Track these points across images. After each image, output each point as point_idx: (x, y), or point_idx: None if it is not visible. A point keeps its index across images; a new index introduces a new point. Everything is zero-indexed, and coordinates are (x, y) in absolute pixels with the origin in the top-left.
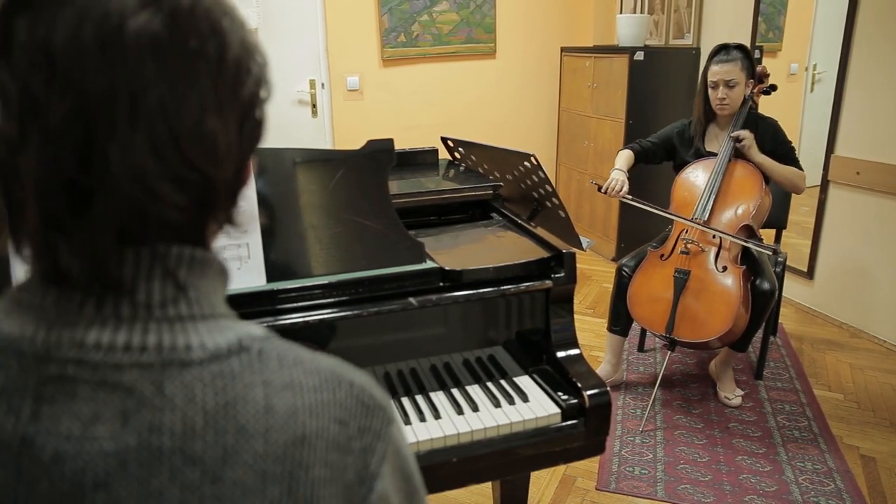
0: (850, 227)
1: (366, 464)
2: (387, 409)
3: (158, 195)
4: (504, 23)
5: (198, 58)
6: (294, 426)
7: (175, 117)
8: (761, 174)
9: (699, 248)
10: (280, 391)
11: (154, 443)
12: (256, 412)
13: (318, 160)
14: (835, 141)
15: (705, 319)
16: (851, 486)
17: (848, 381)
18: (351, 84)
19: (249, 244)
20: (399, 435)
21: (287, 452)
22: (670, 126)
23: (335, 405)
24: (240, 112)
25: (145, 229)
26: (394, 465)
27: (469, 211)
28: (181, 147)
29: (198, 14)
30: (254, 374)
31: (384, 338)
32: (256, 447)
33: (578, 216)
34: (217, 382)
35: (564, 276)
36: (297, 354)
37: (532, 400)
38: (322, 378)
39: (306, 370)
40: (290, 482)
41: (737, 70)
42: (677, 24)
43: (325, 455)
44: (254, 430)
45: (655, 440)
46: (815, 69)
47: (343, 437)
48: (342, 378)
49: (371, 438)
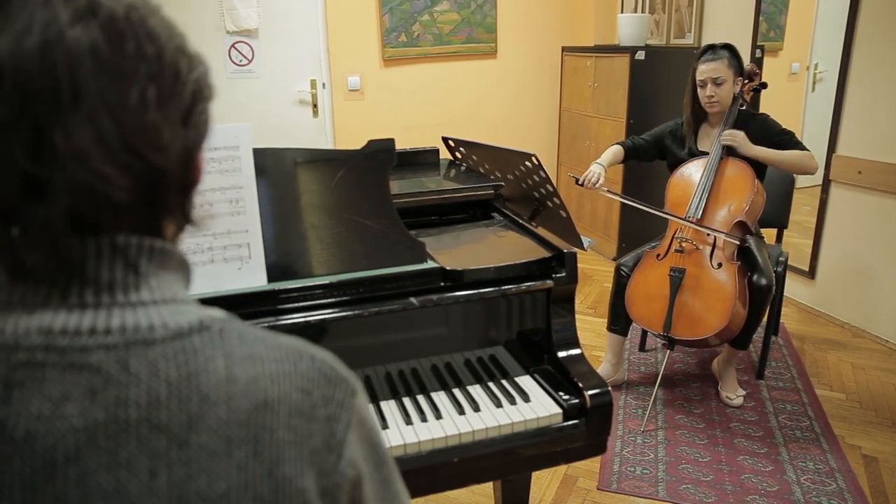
0: (852, 227)
1: (332, 431)
2: (349, 381)
3: (104, 176)
4: (505, 22)
5: (137, 58)
6: (256, 393)
7: (117, 109)
8: (753, 170)
9: (694, 246)
10: (241, 362)
11: (121, 415)
12: (218, 381)
13: (320, 160)
14: (836, 140)
15: (701, 316)
16: (853, 486)
17: (850, 381)
18: (352, 84)
19: (250, 244)
20: (363, 406)
21: (250, 417)
22: (664, 125)
23: (297, 375)
24: (182, 108)
25: (98, 217)
26: (360, 434)
27: (470, 211)
28: (123, 135)
29: (133, 21)
30: (215, 348)
31: (385, 338)
32: (220, 413)
33: (579, 216)
34: (179, 357)
35: (565, 276)
36: (258, 333)
37: (533, 400)
38: (283, 352)
39: (267, 345)
40: (255, 444)
41: (723, 67)
42: (678, 23)
43: (289, 420)
44: (216, 398)
45: (657, 440)
46: (816, 68)
47: (306, 405)
48: (303, 352)
49: (335, 408)
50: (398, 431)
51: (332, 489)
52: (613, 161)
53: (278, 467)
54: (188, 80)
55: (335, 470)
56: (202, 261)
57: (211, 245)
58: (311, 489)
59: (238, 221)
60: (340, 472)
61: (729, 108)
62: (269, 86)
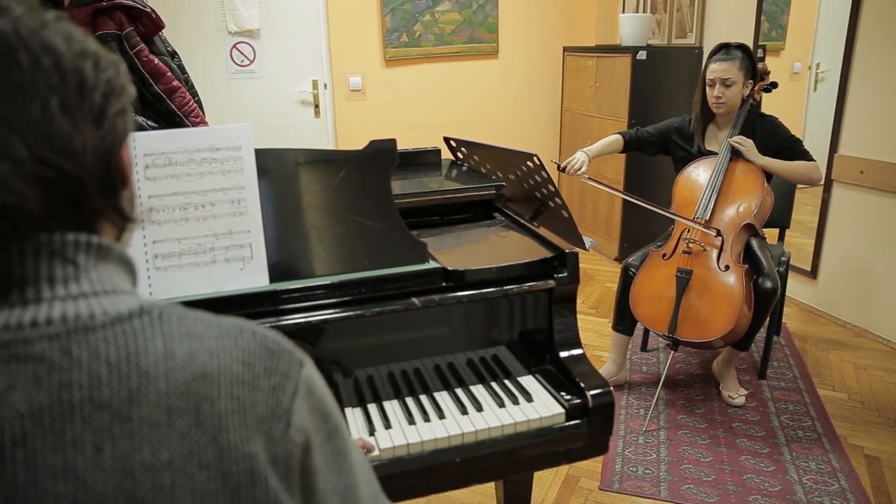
0: (854, 227)
1: (277, 401)
2: (294, 354)
3: (11, 190)
4: (506, 23)
5: (33, 72)
6: (193, 365)
7: (18, 125)
8: (762, 172)
9: (701, 247)
10: (180, 340)
11: (65, 397)
12: (157, 358)
13: (321, 160)
14: (838, 140)
15: (708, 319)
16: (855, 486)
17: (852, 381)
18: (353, 84)
19: (252, 245)
20: (312, 377)
21: (190, 388)
22: (671, 120)
23: (237, 349)
24: (93, 112)
25: (15, 224)
26: (309, 404)
27: (472, 211)
28: (29, 148)
29: (24, 35)
30: (154, 329)
31: (387, 338)
32: (159, 386)
33: (581, 216)
34: (119, 339)
35: (567, 276)
36: (198, 315)
37: (536, 400)
38: (223, 329)
39: (207, 324)
40: (196, 414)
41: (734, 69)
42: (680, 23)
43: (231, 390)
44: (155, 373)
45: (659, 440)
46: (818, 68)
47: (248, 376)
48: (244, 328)
49: (280, 378)
50: (401, 431)
51: (284, 457)
52: (605, 150)
53: (222, 434)
54: (97, 84)
55: (285, 437)
56: (204, 261)
57: (213, 245)
58: (259, 455)
59: (240, 222)
60: (290, 439)
61: (738, 109)
62: (271, 86)
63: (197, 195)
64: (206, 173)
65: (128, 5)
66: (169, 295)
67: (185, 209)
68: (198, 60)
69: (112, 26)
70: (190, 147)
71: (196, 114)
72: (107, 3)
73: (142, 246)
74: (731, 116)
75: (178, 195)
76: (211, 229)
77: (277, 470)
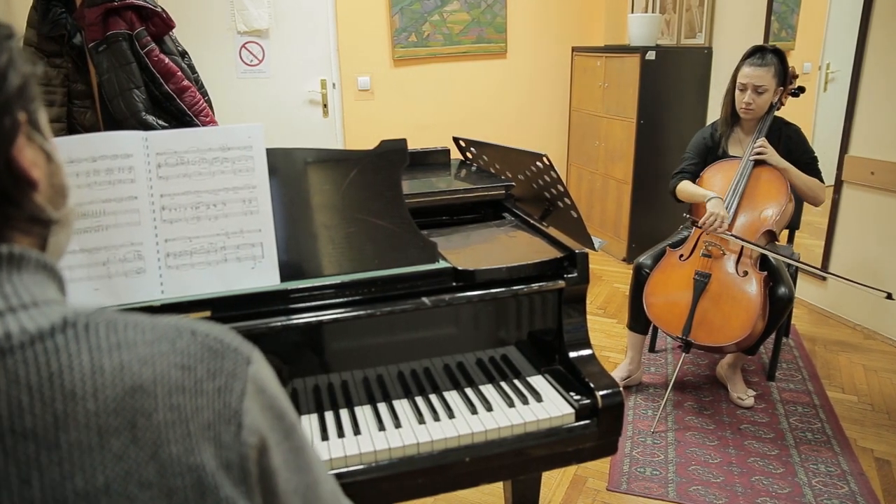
0: (864, 228)
1: (225, 403)
2: (240, 351)
3: None
4: (515, 22)
5: None
6: (125, 379)
7: None
8: (787, 179)
9: (721, 251)
10: (108, 352)
11: None
12: (83, 376)
13: (332, 160)
14: (849, 141)
15: (724, 324)
16: (866, 489)
17: (862, 383)
18: (362, 84)
19: (263, 244)
20: (262, 374)
21: (122, 403)
22: (696, 138)
23: (174, 353)
24: None
25: None
26: (261, 403)
27: (481, 211)
28: None
29: None
30: (79, 343)
31: (397, 337)
32: (88, 406)
33: (589, 216)
34: (40, 359)
35: (577, 277)
36: (132, 319)
37: (546, 400)
38: (158, 333)
39: (140, 330)
40: (132, 430)
41: (769, 77)
42: (689, 23)
43: (169, 399)
44: (82, 392)
45: (667, 441)
46: (828, 68)
47: (189, 381)
48: (182, 329)
49: (225, 379)
50: (411, 431)
51: (239, 460)
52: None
53: (162, 449)
54: None
55: (237, 440)
56: (216, 260)
57: (224, 244)
58: (208, 464)
59: (251, 221)
60: (243, 441)
61: (764, 115)
62: (280, 86)
63: (208, 194)
64: (218, 172)
65: (139, 5)
66: (180, 293)
67: (197, 208)
68: (207, 60)
69: (123, 26)
70: (202, 146)
71: (206, 113)
72: (118, 2)
73: (154, 245)
74: (756, 122)
75: (189, 194)
76: (222, 228)
77: (232, 476)
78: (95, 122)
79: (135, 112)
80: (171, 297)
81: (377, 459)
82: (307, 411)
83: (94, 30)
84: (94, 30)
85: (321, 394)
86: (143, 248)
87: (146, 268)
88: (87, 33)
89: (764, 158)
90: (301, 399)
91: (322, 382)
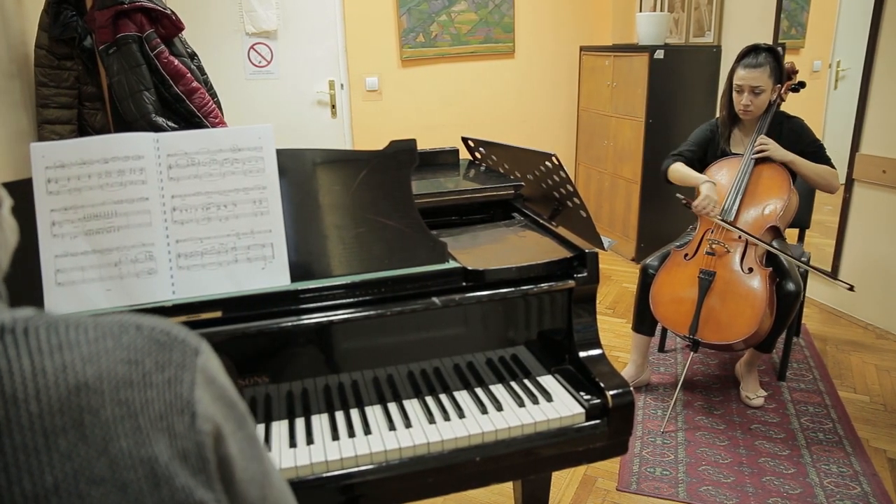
0: (876, 226)
1: (176, 394)
2: (188, 342)
3: None
4: (523, 22)
5: None
6: (68, 378)
7: None
8: (789, 174)
9: (725, 248)
10: (49, 354)
11: None
12: (24, 379)
13: (342, 160)
14: (860, 139)
15: (730, 322)
16: (878, 490)
17: (874, 383)
18: (370, 84)
19: (274, 244)
20: (210, 365)
21: (66, 404)
22: (701, 128)
23: (119, 349)
24: None
25: None
26: (212, 393)
27: (490, 211)
28: None
29: None
30: (19, 348)
31: (407, 337)
32: (31, 409)
33: (598, 216)
34: None
35: (587, 276)
36: (72, 320)
37: (556, 399)
38: (102, 331)
39: (82, 329)
40: (79, 429)
41: (764, 77)
42: (698, 21)
43: (116, 394)
44: (24, 396)
45: (677, 441)
46: (839, 66)
47: (137, 375)
48: (126, 324)
49: (174, 370)
50: (422, 430)
51: (196, 449)
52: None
53: (112, 444)
54: None
55: (192, 429)
56: (227, 260)
57: (235, 245)
58: (161, 455)
59: (261, 221)
60: (198, 430)
61: (763, 113)
62: (288, 87)
63: (219, 195)
64: (228, 173)
65: (148, 7)
66: (192, 294)
67: (208, 209)
68: (216, 61)
69: (133, 28)
70: (212, 147)
71: (215, 114)
72: (128, 5)
73: (165, 245)
74: (756, 120)
75: (200, 195)
76: (233, 229)
77: (189, 465)
78: (106, 124)
79: (145, 114)
80: (183, 298)
81: (388, 459)
82: (318, 411)
83: (105, 32)
84: (104, 32)
85: (332, 394)
86: (154, 248)
87: (157, 268)
88: (97, 36)
89: (767, 155)
90: (312, 399)
91: (332, 382)
